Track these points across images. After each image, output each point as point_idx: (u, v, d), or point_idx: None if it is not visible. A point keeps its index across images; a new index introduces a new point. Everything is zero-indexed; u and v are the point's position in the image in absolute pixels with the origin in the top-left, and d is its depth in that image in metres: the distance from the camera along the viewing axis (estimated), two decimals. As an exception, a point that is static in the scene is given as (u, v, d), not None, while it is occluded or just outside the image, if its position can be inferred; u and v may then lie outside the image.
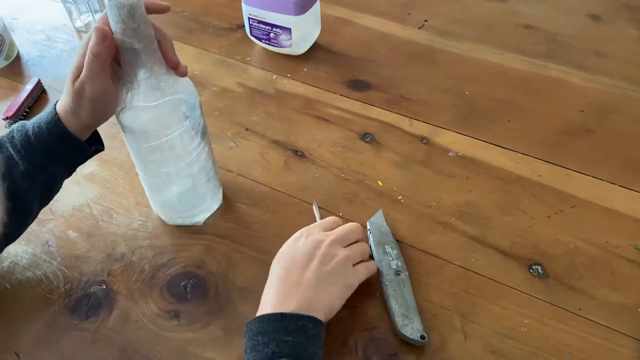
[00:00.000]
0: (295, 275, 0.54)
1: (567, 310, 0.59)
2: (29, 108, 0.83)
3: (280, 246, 0.65)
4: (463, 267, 0.63)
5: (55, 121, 0.54)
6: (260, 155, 0.76)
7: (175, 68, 0.54)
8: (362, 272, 0.58)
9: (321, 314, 0.52)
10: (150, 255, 0.65)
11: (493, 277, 0.62)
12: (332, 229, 0.60)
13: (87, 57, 0.50)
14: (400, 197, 0.70)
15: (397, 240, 0.64)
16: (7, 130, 0.56)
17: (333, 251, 0.56)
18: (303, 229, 0.60)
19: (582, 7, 1.02)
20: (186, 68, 0.55)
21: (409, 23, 0.99)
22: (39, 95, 0.85)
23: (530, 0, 1.03)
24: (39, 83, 0.86)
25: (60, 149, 0.55)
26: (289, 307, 0.51)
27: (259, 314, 0.52)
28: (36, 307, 0.60)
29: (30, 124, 0.55)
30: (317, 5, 0.89)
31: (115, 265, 0.64)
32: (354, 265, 0.57)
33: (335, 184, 0.72)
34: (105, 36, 0.49)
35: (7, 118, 0.79)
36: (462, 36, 0.95)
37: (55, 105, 0.56)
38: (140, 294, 0.61)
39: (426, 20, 0.99)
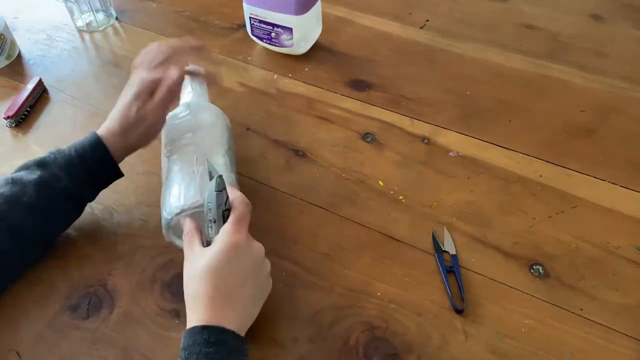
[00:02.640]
0: (235, 294, 0.50)
1: (568, 311, 0.59)
2: (30, 107, 0.83)
3: (280, 246, 0.65)
4: (464, 267, 0.63)
5: (100, 142, 0.59)
6: (261, 155, 0.76)
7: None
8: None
9: (245, 330, 0.51)
10: (151, 255, 0.65)
11: (494, 277, 0.62)
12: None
13: (166, 90, 0.60)
14: (401, 197, 0.70)
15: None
16: (47, 153, 0.60)
17: (263, 258, 0.54)
18: (236, 230, 0.52)
19: (583, 7, 1.01)
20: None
21: (410, 23, 0.99)
22: (40, 94, 0.85)
23: (531, 0, 1.03)
24: (40, 82, 0.86)
25: (98, 170, 0.61)
26: (216, 322, 0.48)
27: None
28: (37, 306, 0.60)
29: (70, 146, 0.60)
30: (318, 5, 0.89)
31: (116, 264, 0.64)
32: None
33: (336, 184, 0.72)
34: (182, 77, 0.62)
35: (8, 117, 0.79)
36: (464, 36, 0.95)
37: (95, 132, 0.61)
38: (141, 293, 0.61)
39: (427, 20, 0.99)
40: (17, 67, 0.91)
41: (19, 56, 0.93)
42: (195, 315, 0.48)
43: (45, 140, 0.78)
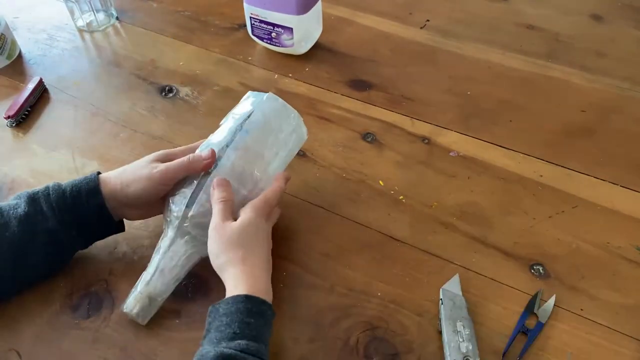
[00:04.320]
0: (261, 263, 0.55)
1: (569, 311, 0.59)
2: (30, 107, 0.83)
3: (280, 246, 0.65)
4: (464, 267, 0.63)
5: (97, 191, 0.57)
6: (262, 154, 0.76)
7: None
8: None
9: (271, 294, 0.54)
10: (151, 255, 0.64)
11: (494, 277, 0.62)
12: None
13: (183, 158, 0.58)
14: (401, 197, 0.70)
15: (471, 317, 0.58)
16: (43, 187, 0.57)
17: (269, 229, 0.59)
18: (264, 205, 0.58)
19: (584, 7, 1.01)
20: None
21: (411, 23, 0.99)
22: (40, 94, 0.85)
23: (532, 0, 1.03)
24: (40, 82, 0.86)
25: (90, 219, 0.58)
26: (257, 287, 0.52)
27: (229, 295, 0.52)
28: (37, 306, 0.60)
29: (67, 184, 0.57)
30: (319, 4, 0.89)
31: (117, 264, 0.64)
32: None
33: (337, 184, 0.72)
34: (211, 156, 0.58)
35: (8, 117, 0.79)
36: (464, 36, 0.95)
37: (97, 173, 0.58)
38: (142, 293, 0.61)
39: (428, 20, 0.99)
40: (17, 67, 0.91)
41: (20, 56, 0.93)
42: (234, 282, 0.52)
43: (46, 140, 0.78)
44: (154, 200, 0.59)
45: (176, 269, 0.58)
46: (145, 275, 0.58)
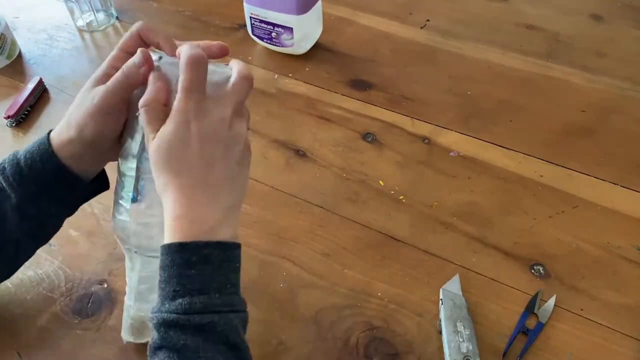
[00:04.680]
0: (202, 177, 0.42)
1: (569, 311, 0.59)
2: (30, 107, 0.83)
3: (280, 246, 0.65)
4: (464, 267, 0.63)
5: (48, 149, 0.47)
6: (262, 154, 0.76)
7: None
8: (245, 125, 0.46)
9: (236, 220, 0.44)
10: (151, 255, 0.65)
11: (494, 277, 0.62)
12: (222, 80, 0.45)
13: (117, 72, 0.45)
14: (401, 197, 0.70)
15: (471, 318, 0.57)
16: (0, 160, 0.49)
17: (235, 130, 0.43)
18: (187, 101, 0.42)
19: (584, 7, 1.01)
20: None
21: (411, 23, 0.99)
22: (40, 94, 0.85)
23: (532, 0, 1.03)
24: (40, 82, 0.86)
25: (55, 184, 0.48)
26: (198, 227, 0.41)
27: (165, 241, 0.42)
28: (37, 306, 0.60)
29: (22, 153, 0.49)
30: (319, 4, 0.89)
31: (117, 264, 0.64)
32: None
33: (337, 184, 0.72)
34: (145, 61, 0.44)
35: (8, 117, 0.79)
36: (464, 36, 0.95)
37: (48, 133, 0.48)
38: (142, 293, 0.61)
39: (428, 20, 0.99)
40: (17, 67, 0.91)
41: (20, 56, 0.93)
42: (168, 215, 0.42)
43: (46, 139, 0.78)
44: (117, 134, 0.47)
45: (152, 288, 0.50)
46: (127, 302, 0.53)
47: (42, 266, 0.64)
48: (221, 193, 0.43)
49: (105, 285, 0.62)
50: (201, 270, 0.40)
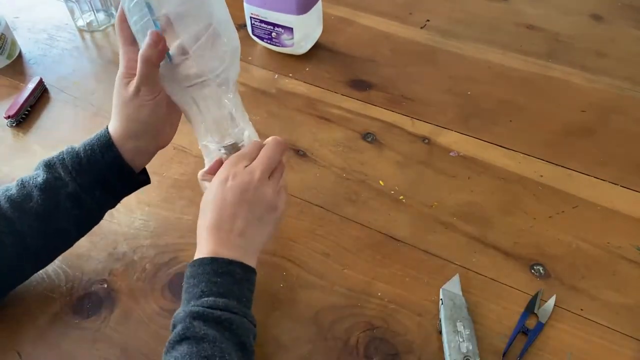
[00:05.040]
0: (227, 225, 0.51)
1: (569, 311, 0.59)
2: (30, 107, 0.83)
3: (280, 246, 0.65)
4: (464, 267, 0.63)
5: (109, 142, 0.54)
6: (262, 154, 0.76)
7: None
8: (285, 195, 0.56)
9: (254, 258, 0.53)
10: (151, 255, 0.65)
11: (494, 277, 0.62)
12: (256, 155, 0.55)
13: (139, 62, 0.50)
14: (401, 197, 0.70)
15: (471, 317, 0.57)
16: (57, 152, 0.56)
17: (261, 193, 0.52)
18: (228, 167, 0.53)
19: (584, 7, 1.01)
20: None
21: (411, 23, 0.99)
22: (40, 94, 0.85)
23: (532, 0, 1.03)
24: (40, 82, 0.86)
25: (111, 175, 0.55)
26: (216, 252, 0.50)
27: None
28: (38, 306, 0.60)
29: (81, 146, 0.55)
30: (319, 4, 0.89)
31: (117, 264, 0.64)
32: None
33: (337, 184, 0.72)
34: (158, 40, 0.49)
35: (8, 117, 0.79)
36: (464, 36, 0.95)
37: (107, 127, 0.56)
38: (142, 293, 0.61)
39: (428, 20, 0.99)
40: (17, 67, 0.91)
41: (20, 56, 0.93)
42: (201, 247, 0.51)
43: (46, 140, 0.78)
44: (163, 119, 0.55)
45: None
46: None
47: (42, 266, 0.64)
48: (240, 240, 0.52)
49: (106, 286, 0.62)
50: (225, 280, 0.49)
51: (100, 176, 0.55)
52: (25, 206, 0.53)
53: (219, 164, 0.55)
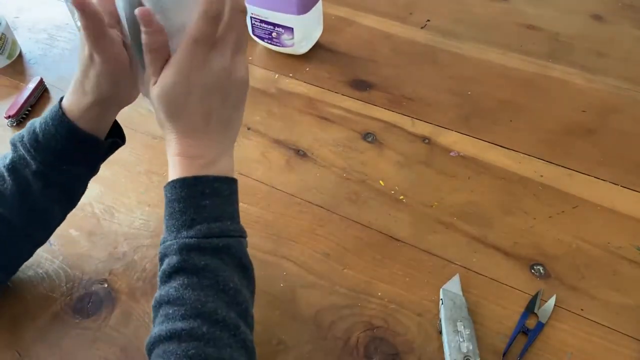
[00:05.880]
0: (203, 122, 0.46)
1: (569, 311, 0.59)
2: (31, 107, 0.83)
3: (281, 246, 0.65)
4: (464, 267, 0.63)
5: (60, 116, 0.50)
6: (262, 154, 0.76)
7: None
8: (245, 59, 0.48)
9: (231, 152, 0.48)
10: (151, 254, 0.65)
11: (494, 277, 0.62)
12: (215, 31, 0.45)
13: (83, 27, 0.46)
14: (401, 197, 0.70)
15: (471, 317, 0.57)
16: (20, 131, 0.53)
17: (234, 76, 0.46)
18: (191, 51, 0.44)
19: (584, 7, 1.01)
20: None
21: (411, 23, 0.99)
22: (41, 94, 0.85)
23: (532, 0, 1.03)
24: (41, 82, 0.86)
25: (70, 147, 0.51)
26: (201, 163, 0.46)
27: (171, 176, 0.47)
28: (38, 305, 0.60)
29: (38, 121, 0.52)
30: (319, 4, 0.89)
31: (117, 264, 0.64)
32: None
33: (337, 184, 0.72)
34: (83, 6, 0.44)
35: (9, 117, 0.80)
36: (464, 36, 0.95)
37: (60, 100, 0.52)
38: (142, 292, 0.61)
39: (428, 20, 0.99)
40: (18, 67, 0.91)
41: (20, 56, 0.93)
42: (176, 154, 0.46)
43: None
44: (121, 76, 0.50)
45: None
46: None
47: (43, 266, 0.64)
48: (218, 135, 0.47)
49: (106, 285, 0.62)
50: (214, 201, 0.45)
51: (60, 150, 0.51)
52: (1, 188, 0.51)
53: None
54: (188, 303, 0.42)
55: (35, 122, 0.52)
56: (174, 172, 0.46)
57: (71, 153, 0.52)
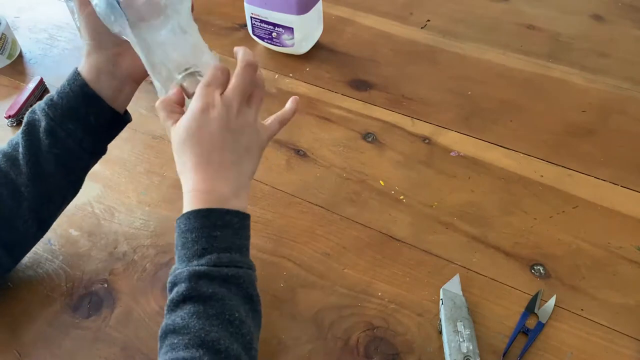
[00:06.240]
0: (216, 157, 0.49)
1: (569, 311, 0.59)
2: (31, 107, 0.83)
3: (281, 246, 0.65)
4: (465, 267, 0.63)
5: (76, 76, 0.55)
6: (262, 154, 0.76)
7: None
8: (273, 124, 0.56)
9: (246, 193, 0.51)
10: (151, 254, 0.65)
11: (495, 277, 0.62)
12: (224, 80, 0.51)
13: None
14: (402, 197, 0.70)
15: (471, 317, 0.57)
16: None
17: (244, 120, 0.50)
18: (202, 98, 0.49)
19: (584, 7, 1.01)
20: None
21: (412, 23, 0.99)
22: (41, 94, 0.85)
23: (532, 0, 1.03)
24: (41, 82, 0.86)
25: (78, 103, 0.55)
26: (214, 198, 0.48)
27: (185, 209, 0.48)
28: (38, 305, 0.60)
29: (56, 91, 0.56)
30: (320, 4, 0.89)
31: (117, 264, 0.64)
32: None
33: (337, 184, 0.72)
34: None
35: (9, 117, 0.80)
36: (465, 36, 0.95)
37: (76, 68, 0.56)
38: (142, 292, 0.61)
39: (428, 20, 0.99)
40: (18, 67, 0.91)
41: (20, 55, 0.93)
42: (190, 187, 0.48)
43: (47, 139, 0.78)
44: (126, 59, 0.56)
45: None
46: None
47: (43, 265, 0.64)
48: (231, 173, 0.49)
49: (106, 285, 0.62)
50: (225, 233, 0.47)
51: (70, 106, 0.55)
52: (15, 154, 0.55)
53: (181, 92, 0.52)
54: (192, 332, 0.42)
55: (52, 94, 0.56)
56: (188, 206, 0.48)
57: (80, 111, 0.55)
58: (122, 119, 0.60)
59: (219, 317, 0.43)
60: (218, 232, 0.46)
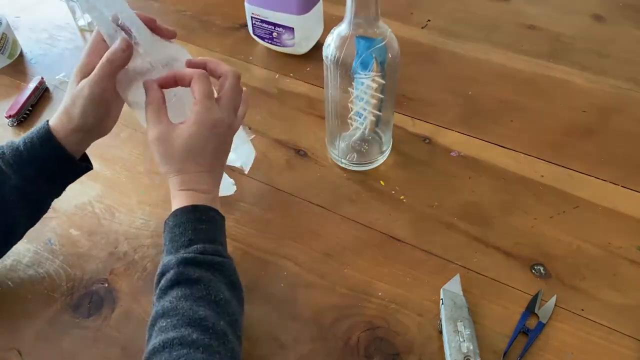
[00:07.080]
0: (209, 164, 0.53)
1: (569, 311, 0.59)
2: (31, 106, 0.83)
3: (281, 246, 0.65)
4: (465, 267, 0.63)
5: (48, 134, 0.55)
6: (263, 154, 0.76)
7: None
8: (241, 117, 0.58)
9: (218, 199, 0.55)
10: (152, 254, 0.65)
11: (495, 277, 0.62)
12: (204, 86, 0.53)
13: (101, 61, 0.52)
14: (402, 197, 0.70)
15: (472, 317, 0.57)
16: None
17: (232, 130, 0.55)
18: (209, 107, 0.52)
19: (585, 7, 1.01)
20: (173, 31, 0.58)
21: (412, 23, 0.99)
22: (41, 93, 0.85)
23: (532, 0, 1.03)
24: (42, 81, 0.86)
25: (51, 163, 0.56)
26: (202, 198, 0.52)
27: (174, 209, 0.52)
28: (38, 305, 0.60)
29: (21, 139, 0.56)
30: (320, 4, 0.89)
31: (118, 263, 0.64)
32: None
33: (337, 184, 0.72)
34: (127, 46, 0.52)
35: (9, 116, 0.80)
36: (465, 36, 0.95)
37: (47, 121, 0.56)
38: (142, 292, 0.61)
39: (429, 20, 0.99)
40: (19, 66, 0.92)
41: (21, 55, 0.94)
42: (177, 191, 0.52)
43: (47, 139, 0.78)
44: (100, 108, 0.55)
45: None
46: None
47: (43, 265, 0.64)
48: (216, 174, 0.55)
49: (106, 285, 0.62)
50: (208, 227, 0.51)
51: (42, 167, 0.55)
52: None
53: (173, 77, 0.54)
54: (181, 313, 0.45)
55: (17, 141, 0.56)
56: (176, 203, 0.52)
57: (51, 171, 0.56)
58: (86, 167, 0.60)
59: (205, 298, 0.46)
60: (203, 225, 0.51)
